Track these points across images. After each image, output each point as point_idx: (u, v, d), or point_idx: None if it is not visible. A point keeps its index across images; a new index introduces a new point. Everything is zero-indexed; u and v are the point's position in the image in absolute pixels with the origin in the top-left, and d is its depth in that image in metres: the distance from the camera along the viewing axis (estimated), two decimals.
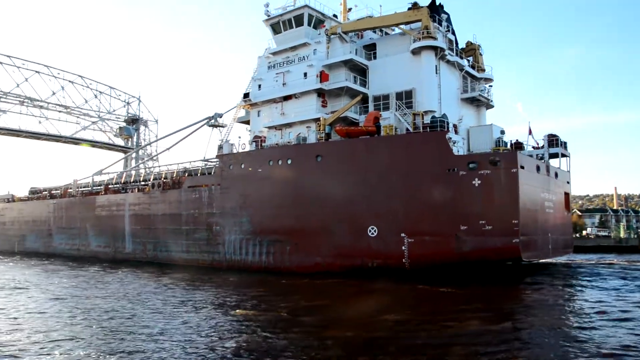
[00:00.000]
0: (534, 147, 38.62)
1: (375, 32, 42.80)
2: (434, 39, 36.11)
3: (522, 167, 30.34)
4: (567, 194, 39.00)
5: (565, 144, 39.13)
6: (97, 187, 58.87)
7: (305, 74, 40.00)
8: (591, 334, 16.29)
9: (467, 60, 42.91)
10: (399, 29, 39.33)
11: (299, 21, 41.43)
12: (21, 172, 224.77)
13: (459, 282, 28.68)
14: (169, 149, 75.17)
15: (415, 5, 36.70)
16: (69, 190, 62.28)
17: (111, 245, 52.24)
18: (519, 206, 29.56)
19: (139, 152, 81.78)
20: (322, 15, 42.05)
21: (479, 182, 30.04)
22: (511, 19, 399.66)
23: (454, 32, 41.41)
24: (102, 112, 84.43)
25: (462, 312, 20.93)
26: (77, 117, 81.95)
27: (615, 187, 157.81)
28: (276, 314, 21.15)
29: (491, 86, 43.01)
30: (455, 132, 35.16)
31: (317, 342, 16.12)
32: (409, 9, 36.87)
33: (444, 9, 41.48)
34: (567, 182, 39.58)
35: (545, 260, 39.42)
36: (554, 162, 38.94)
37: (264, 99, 42.85)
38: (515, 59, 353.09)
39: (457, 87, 39.70)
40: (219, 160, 42.38)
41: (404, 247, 31.48)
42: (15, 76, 72.45)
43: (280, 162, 37.01)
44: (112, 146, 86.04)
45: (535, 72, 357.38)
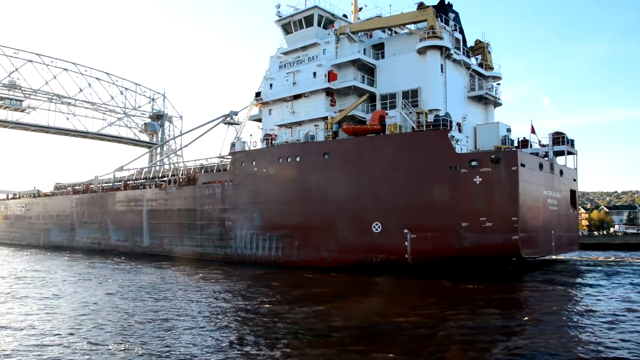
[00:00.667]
0: (541, 145, 38.92)
1: (384, 31, 43.46)
2: (440, 38, 36.64)
3: (522, 165, 30.77)
4: (573, 192, 39.13)
5: (572, 141, 39.27)
6: (118, 183, 61.09)
7: (314, 74, 40.96)
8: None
9: (475, 58, 43.36)
10: (406, 29, 40.02)
11: (309, 22, 42.38)
12: (47, 168, 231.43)
13: (474, 278, 29.00)
14: (186, 146, 77.75)
15: (421, 5, 37.26)
16: (90, 186, 64.65)
17: (130, 239, 54.21)
18: (519, 203, 30.06)
19: (164, 148, 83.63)
20: (332, 15, 42.88)
21: (480, 179, 30.61)
22: (543, 12, 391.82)
23: (462, 31, 41.88)
24: (127, 108, 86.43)
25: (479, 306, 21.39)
26: (104, 113, 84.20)
27: None
28: (275, 303, 22.24)
29: (499, 84, 43.34)
30: (459, 130, 35.68)
31: (335, 329, 17.09)
32: (419, 9, 37.51)
33: (453, 8, 42.05)
34: (574, 180, 39.69)
35: (557, 256, 39.73)
36: (562, 160, 39.36)
37: (275, 97, 44.01)
38: (543, 53, 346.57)
39: (464, 85, 40.16)
40: (231, 157, 43.78)
41: (406, 243, 32.25)
42: (44, 74, 75.34)
43: (289, 160, 38.11)
44: (137, 142, 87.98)
45: (564, 66, 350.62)
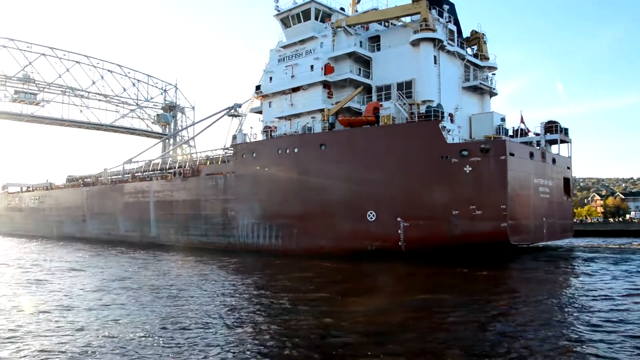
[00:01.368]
0: (535, 134, 39.58)
1: (381, 24, 44.18)
2: (433, 30, 37.31)
3: (512, 154, 31.59)
4: (566, 179, 39.79)
5: (566, 130, 39.90)
6: (127, 175, 62.79)
7: (312, 67, 41.86)
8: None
9: (471, 49, 43.93)
10: (401, 21, 40.72)
11: (307, 15, 43.21)
12: (59, 160, 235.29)
13: (467, 264, 29.86)
14: (193, 138, 79.04)
15: None
16: (100, 178, 66.46)
17: (138, 229, 55.91)
18: (508, 192, 30.93)
19: (176, 138, 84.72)
20: (329, 9, 43.66)
21: (470, 169, 31.47)
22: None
23: (457, 22, 42.42)
24: (140, 99, 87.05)
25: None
26: (116, 105, 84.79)
27: None
28: (283, 289, 23.49)
29: (494, 74, 43.85)
30: (451, 120, 36.46)
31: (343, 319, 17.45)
32: (413, 2, 38.18)
33: (448, 0, 42.59)
34: (568, 168, 40.33)
35: (554, 242, 40.53)
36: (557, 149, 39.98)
37: (274, 90, 45.03)
38: (558, 40, 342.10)
39: (459, 76, 40.82)
40: (233, 149, 45.05)
41: (400, 231, 33.29)
42: (57, 67, 76.25)
43: (287, 151, 39.23)
44: (150, 133, 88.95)
45: (581, 50, 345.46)
